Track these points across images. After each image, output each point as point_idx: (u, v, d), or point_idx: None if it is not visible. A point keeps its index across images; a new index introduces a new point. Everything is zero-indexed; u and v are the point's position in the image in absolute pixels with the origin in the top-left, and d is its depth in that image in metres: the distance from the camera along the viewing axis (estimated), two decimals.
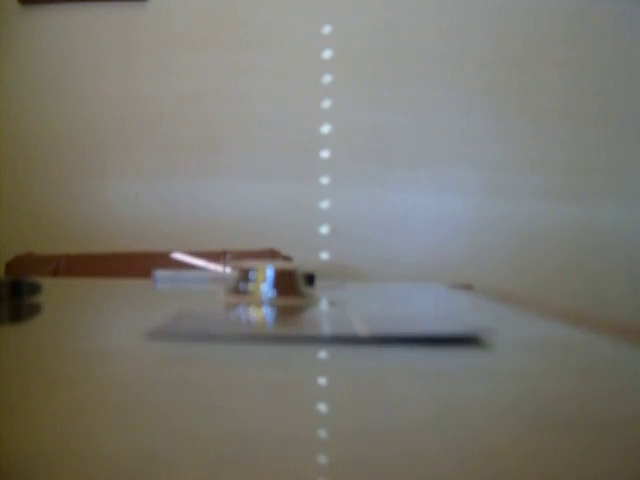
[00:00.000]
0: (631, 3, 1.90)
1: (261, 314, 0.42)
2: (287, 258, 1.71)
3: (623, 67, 1.89)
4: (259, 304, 0.45)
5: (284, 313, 0.43)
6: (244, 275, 0.47)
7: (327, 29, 1.93)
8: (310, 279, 0.61)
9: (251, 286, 0.46)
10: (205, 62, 1.94)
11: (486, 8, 1.93)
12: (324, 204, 1.92)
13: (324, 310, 0.47)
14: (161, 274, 0.74)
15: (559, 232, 1.88)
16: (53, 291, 0.58)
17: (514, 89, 1.89)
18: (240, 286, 0.47)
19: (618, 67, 1.89)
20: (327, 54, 1.93)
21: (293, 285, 0.47)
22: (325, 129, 1.93)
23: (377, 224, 1.89)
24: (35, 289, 0.45)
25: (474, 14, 1.93)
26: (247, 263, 0.48)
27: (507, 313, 0.51)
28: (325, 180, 1.92)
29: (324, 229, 1.91)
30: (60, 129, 1.95)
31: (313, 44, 1.93)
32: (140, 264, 1.57)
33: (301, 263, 0.58)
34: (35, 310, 0.43)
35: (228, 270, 0.81)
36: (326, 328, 0.37)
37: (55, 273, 1.64)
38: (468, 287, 0.89)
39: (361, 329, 0.32)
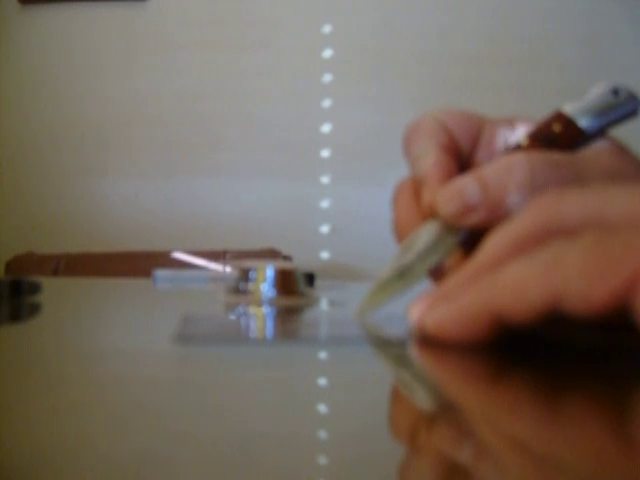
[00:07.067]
0: (631, 3, 1.90)
1: (262, 314, 0.42)
2: (287, 258, 1.71)
3: (625, 67, 1.89)
4: (259, 304, 0.45)
5: (285, 313, 0.43)
6: (244, 275, 0.47)
7: (327, 29, 1.93)
8: (310, 279, 0.61)
9: (251, 286, 0.46)
10: (205, 62, 1.94)
11: (486, 8, 1.93)
12: (324, 204, 1.92)
13: (324, 310, 0.47)
14: (161, 274, 0.74)
15: None
16: (53, 291, 0.58)
17: (514, 89, 1.89)
18: (240, 286, 0.47)
19: (620, 67, 1.89)
20: (327, 53, 1.93)
21: (293, 285, 0.47)
22: (325, 128, 1.93)
23: (377, 223, 1.89)
24: (35, 289, 0.45)
25: (474, 14, 1.93)
26: (247, 263, 0.48)
27: None
28: (325, 179, 1.92)
29: (324, 229, 1.91)
30: (60, 129, 1.95)
31: (313, 44, 1.93)
32: (140, 264, 1.57)
33: (301, 263, 0.58)
34: (35, 310, 0.43)
35: (228, 270, 0.81)
36: (326, 328, 0.37)
37: (55, 273, 1.64)
38: None
39: (361, 329, 0.32)
